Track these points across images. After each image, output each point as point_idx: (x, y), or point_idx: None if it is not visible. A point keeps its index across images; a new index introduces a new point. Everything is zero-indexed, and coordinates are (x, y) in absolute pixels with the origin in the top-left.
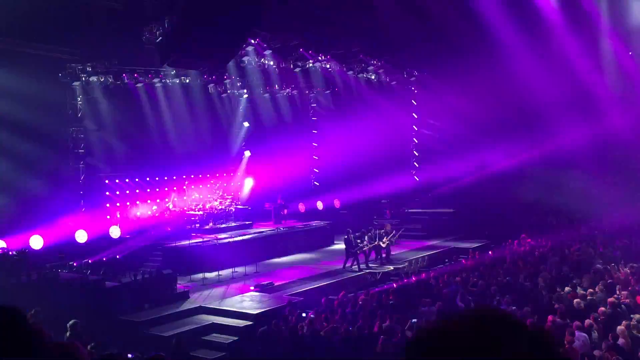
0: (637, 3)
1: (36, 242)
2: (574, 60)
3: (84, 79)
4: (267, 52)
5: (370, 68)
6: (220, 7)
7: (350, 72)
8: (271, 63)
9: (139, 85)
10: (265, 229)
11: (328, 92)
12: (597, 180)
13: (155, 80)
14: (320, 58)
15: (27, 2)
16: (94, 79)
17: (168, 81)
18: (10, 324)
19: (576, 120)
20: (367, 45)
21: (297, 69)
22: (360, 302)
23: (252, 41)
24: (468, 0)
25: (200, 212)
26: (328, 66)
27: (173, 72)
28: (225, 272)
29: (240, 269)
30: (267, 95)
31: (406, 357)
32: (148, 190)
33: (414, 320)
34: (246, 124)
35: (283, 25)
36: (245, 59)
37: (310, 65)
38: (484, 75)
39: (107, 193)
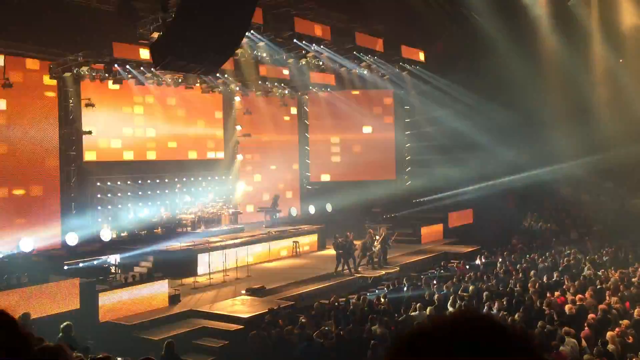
0: (628, 10)
1: (26, 244)
2: (567, 67)
3: (75, 70)
4: (261, 43)
5: (364, 64)
6: (213, 10)
7: (343, 69)
8: (264, 55)
9: (131, 80)
10: (257, 233)
11: (322, 91)
12: (588, 186)
13: (148, 75)
14: (313, 47)
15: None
16: (84, 70)
17: (161, 79)
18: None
19: (569, 127)
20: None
21: (290, 60)
22: (352, 307)
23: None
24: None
25: (192, 216)
26: (321, 63)
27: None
28: (217, 276)
29: (231, 273)
30: (259, 92)
31: (388, 359)
32: (140, 192)
33: None
34: (238, 127)
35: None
36: (238, 51)
37: (303, 63)
38: (478, 80)
39: (99, 195)
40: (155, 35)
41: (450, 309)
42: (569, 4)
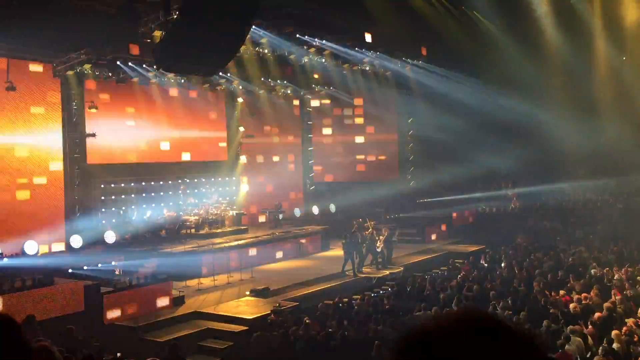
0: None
1: (31, 247)
2: (571, 63)
3: (78, 69)
4: (264, 40)
5: (366, 60)
6: (216, 10)
7: (346, 66)
8: (266, 51)
9: (135, 79)
10: (260, 234)
11: (324, 91)
12: (591, 184)
13: (151, 74)
14: (315, 43)
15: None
16: (87, 68)
17: (164, 79)
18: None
19: (571, 125)
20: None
21: (292, 56)
22: (356, 307)
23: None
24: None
25: (196, 217)
26: (324, 60)
27: None
28: (221, 277)
29: (235, 274)
30: (262, 91)
31: (392, 358)
32: (144, 194)
33: None
34: (242, 129)
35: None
36: (241, 48)
37: (305, 60)
38: (482, 78)
39: (103, 197)
40: (158, 34)
41: (455, 308)
42: (572, 1)
